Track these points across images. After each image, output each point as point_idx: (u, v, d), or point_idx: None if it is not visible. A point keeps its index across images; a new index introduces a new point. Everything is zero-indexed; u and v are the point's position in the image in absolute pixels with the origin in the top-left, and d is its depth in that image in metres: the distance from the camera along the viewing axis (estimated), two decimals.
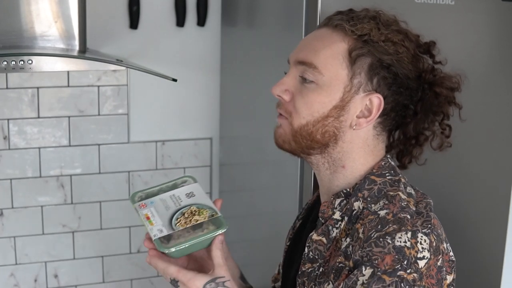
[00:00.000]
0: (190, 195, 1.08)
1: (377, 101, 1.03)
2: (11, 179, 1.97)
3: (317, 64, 1.02)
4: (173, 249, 1.00)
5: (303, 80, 1.04)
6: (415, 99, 1.07)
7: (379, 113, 1.03)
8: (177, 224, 1.03)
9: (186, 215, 1.04)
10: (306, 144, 1.05)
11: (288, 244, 1.25)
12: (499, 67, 1.66)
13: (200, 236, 1.01)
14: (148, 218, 1.06)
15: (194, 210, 1.05)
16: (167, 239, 1.01)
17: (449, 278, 1.01)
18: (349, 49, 1.02)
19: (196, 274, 1.00)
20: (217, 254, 1.02)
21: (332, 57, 1.03)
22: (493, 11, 1.61)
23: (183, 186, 1.11)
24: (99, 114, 2.02)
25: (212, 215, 1.04)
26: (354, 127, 1.04)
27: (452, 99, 1.10)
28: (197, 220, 1.03)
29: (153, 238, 1.01)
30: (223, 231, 1.02)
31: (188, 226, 1.02)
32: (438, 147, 1.12)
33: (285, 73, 1.09)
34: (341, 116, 1.03)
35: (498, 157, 1.70)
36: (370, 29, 1.02)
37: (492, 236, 1.74)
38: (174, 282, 1.01)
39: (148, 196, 1.11)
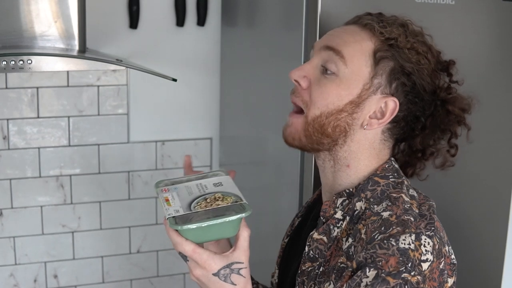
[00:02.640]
0: (217, 184, 1.03)
1: (392, 104, 1.03)
2: (10, 179, 1.96)
3: (345, 54, 1.03)
4: (185, 227, 0.92)
5: (324, 71, 1.04)
6: (427, 113, 1.08)
7: (392, 117, 1.04)
8: (196, 207, 0.97)
9: (208, 200, 0.99)
10: (317, 139, 1.05)
11: (286, 241, 1.24)
12: (499, 67, 1.66)
13: (217, 219, 0.93)
14: (167, 200, 1.00)
15: (218, 197, 0.99)
16: (182, 219, 0.94)
17: (450, 281, 1.01)
18: (374, 49, 1.03)
19: (212, 255, 0.94)
20: (244, 236, 0.96)
21: (359, 52, 1.03)
22: (493, 11, 1.61)
23: (212, 177, 1.06)
24: (99, 114, 2.02)
25: (236, 202, 0.98)
26: (365, 127, 1.04)
27: (463, 119, 1.12)
28: (218, 205, 0.97)
29: (167, 217, 0.95)
30: (244, 215, 0.94)
31: (207, 209, 0.95)
32: (440, 166, 1.14)
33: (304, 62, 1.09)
34: (355, 113, 1.03)
35: (498, 157, 1.70)
36: (398, 35, 1.03)
37: (492, 236, 1.74)
38: (184, 256, 0.95)
39: (174, 183, 1.05)
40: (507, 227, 1.74)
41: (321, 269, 1.04)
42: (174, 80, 1.72)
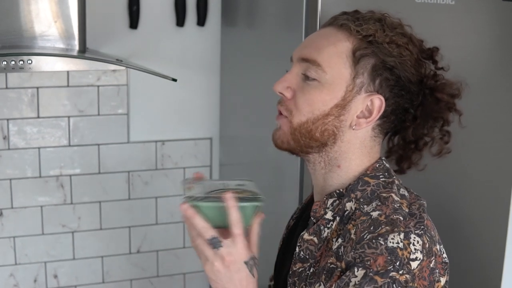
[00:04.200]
0: (240, 185, 1.05)
1: (378, 102, 1.03)
2: (10, 179, 1.96)
3: (321, 62, 1.02)
4: (202, 204, 0.95)
5: (306, 78, 1.04)
6: (416, 104, 1.07)
7: (379, 114, 1.03)
8: (216, 193, 0.99)
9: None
10: (305, 143, 1.05)
11: (281, 243, 1.24)
12: (499, 67, 1.67)
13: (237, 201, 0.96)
14: (190, 188, 1.01)
15: (238, 191, 1.01)
16: (199, 199, 0.97)
17: (443, 280, 1.00)
18: (353, 49, 1.02)
19: (246, 242, 0.97)
20: (255, 231, 1.00)
21: (336, 55, 1.03)
22: (493, 11, 1.61)
23: (238, 181, 1.08)
24: (99, 114, 2.02)
25: (255, 196, 1.00)
26: (353, 127, 1.03)
27: (453, 105, 1.10)
28: (236, 196, 0.99)
29: (183, 197, 0.97)
30: (258, 203, 0.98)
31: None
32: (437, 153, 1.12)
33: (287, 71, 1.09)
34: (342, 116, 1.03)
35: (498, 157, 1.70)
36: (376, 30, 1.02)
37: (492, 236, 1.74)
38: (217, 240, 0.95)
39: (200, 180, 1.07)
40: (507, 227, 1.74)
41: (311, 270, 1.04)
42: (174, 80, 1.72)
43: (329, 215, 1.05)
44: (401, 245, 0.92)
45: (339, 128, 1.04)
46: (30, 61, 1.67)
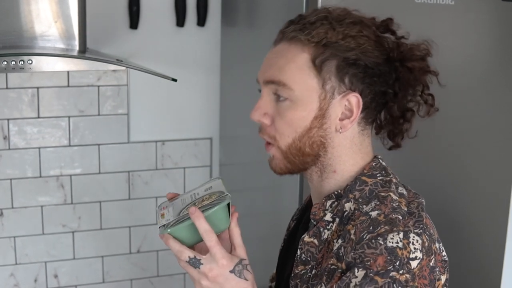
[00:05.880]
0: (208, 189, 1.06)
1: (354, 99, 1.02)
2: (11, 179, 1.97)
3: (285, 81, 1.02)
4: (173, 228, 0.97)
5: (277, 97, 1.04)
6: (391, 82, 1.05)
7: (360, 110, 1.02)
8: (184, 211, 1.01)
9: (196, 203, 1.01)
10: (300, 161, 1.05)
11: (282, 245, 1.24)
12: (499, 67, 1.67)
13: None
14: (162, 215, 1.04)
15: (205, 198, 1.02)
16: (171, 225, 0.99)
17: (443, 278, 1.00)
18: (311, 58, 1.01)
19: (226, 252, 0.97)
20: (235, 234, 1.01)
21: (297, 70, 1.02)
22: (493, 11, 1.61)
23: (206, 184, 1.09)
24: (99, 114, 2.02)
25: (219, 196, 1.00)
26: (340, 131, 1.03)
27: (427, 68, 1.07)
28: (204, 204, 1.00)
29: (158, 227, 1.00)
30: (225, 203, 0.98)
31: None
32: (426, 114, 1.09)
33: (259, 90, 1.08)
34: (324, 124, 1.02)
35: (498, 157, 1.70)
36: (326, 32, 1.01)
37: (492, 236, 1.74)
38: (195, 260, 0.96)
39: (172, 199, 1.09)
40: (507, 227, 1.74)
41: (313, 272, 1.03)
42: (174, 80, 1.73)
43: (328, 217, 1.05)
44: (400, 244, 0.92)
45: (325, 137, 1.03)
46: (30, 61, 1.67)
